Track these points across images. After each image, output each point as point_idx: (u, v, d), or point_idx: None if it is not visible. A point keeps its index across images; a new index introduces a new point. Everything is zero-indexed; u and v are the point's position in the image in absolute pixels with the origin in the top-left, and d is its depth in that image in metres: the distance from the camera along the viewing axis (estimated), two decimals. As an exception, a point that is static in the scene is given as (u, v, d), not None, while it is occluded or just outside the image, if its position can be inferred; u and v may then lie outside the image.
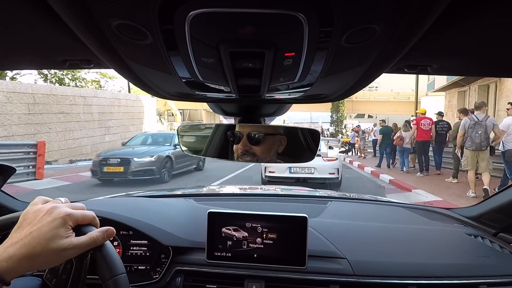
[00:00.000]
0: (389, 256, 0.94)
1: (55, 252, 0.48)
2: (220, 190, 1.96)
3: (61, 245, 0.48)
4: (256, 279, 0.91)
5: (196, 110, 40.71)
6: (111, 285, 0.51)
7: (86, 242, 0.51)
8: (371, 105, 27.14)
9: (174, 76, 0.44)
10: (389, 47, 0.36)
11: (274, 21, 0.30)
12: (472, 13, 0.36)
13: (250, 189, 1.82)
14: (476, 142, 5.06)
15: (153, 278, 0.96)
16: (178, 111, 26.95)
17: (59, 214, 0.49)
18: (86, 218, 0.54)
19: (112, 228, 0.56)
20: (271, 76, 0.42)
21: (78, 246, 0.50)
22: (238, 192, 1.74)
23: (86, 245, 0.51)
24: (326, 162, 5.99)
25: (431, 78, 13.38)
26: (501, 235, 1.07)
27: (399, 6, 0.28)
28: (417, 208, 1.40)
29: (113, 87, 15.19)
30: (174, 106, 24.32)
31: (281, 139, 0.75)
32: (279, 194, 1.69)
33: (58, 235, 0.48)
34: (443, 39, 0.43)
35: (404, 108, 26.72)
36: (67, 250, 0.49)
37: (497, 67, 0.60)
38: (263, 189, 1.95)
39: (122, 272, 0.53)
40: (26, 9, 0.37)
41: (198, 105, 32.80)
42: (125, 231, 1.01)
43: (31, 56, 0.57)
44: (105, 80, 16.95)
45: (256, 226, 0.92)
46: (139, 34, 0.32)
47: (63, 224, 0.49)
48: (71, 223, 0.50)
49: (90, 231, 0.53)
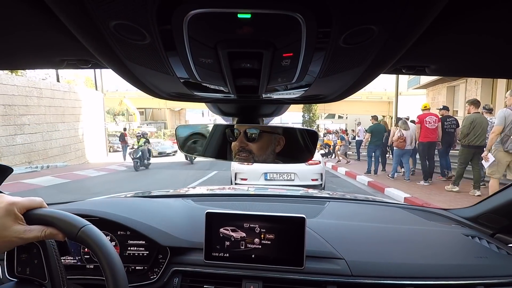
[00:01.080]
0: (387, 257, 0.94)
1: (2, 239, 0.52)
2: (218, 191, 1.93)
3: (7, 234, 0.52)
4: (253, 280, 0.91)
5: (160, 109, 38.82)
6: (81, 236, 0.55)
7: (34, 234, 0.54)
8: (343, 105, 26.85)
9: (172, 76, 0.44)
10: (387, 48, 0.37)
11: (272, 21, 0.30)
12: (469, 14, 0.36)
13: (248, 190, 1.85)
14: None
15: (151, 278, 0.96)
16: (137, 110, 24.50)
17: (1, 204, 0.53)
18: (33, 203, 0.57)
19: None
20: (269, 77, 0.42)
21: (24, 236, 0.53)
22: (236, 193, 1.73)
23: (34, 237, 0.54)
24: (308, 166, 5.18)
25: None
26: (498, 235, 1.08)
27: (396, 7, 0.28)
28: (414, 208, 1.40)
29: (33, 73, 11.77)
30: (131, 105, 22.07)
31: (280, 139, 0.75)
32: (277, 194, 1.68)
33: (3, 224, 0.52)
34: (441, 40, 0.44)
35: (377, 108, 26.60)
36: (13, 238, 0.53)
37: (495, 67, 0.59)
38: (261, 190, 1.95)
39: (85, 224, 0.57)
40: (23, 9, 0.37)
41: (162, 104, 30.96)
42: (122, 232, 1.01)
43: (29, 56, 0.57)
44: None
45: (254, 226, 0.92)
46: (137, 34, 0.33)
47: (7, 214, 0.52)
48: (17, 211, 0.53)
49: (40, 213, 0.56)
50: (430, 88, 12.41)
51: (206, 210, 0.94)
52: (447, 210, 1.33)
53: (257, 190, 1.94)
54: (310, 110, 26.47)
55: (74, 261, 1.01)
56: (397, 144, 6.74)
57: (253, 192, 1.74)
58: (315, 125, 27.95)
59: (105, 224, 0.97)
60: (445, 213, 1.31)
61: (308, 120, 26.85)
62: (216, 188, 2.04)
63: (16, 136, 9.15)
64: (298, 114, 28.47)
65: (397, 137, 6.74)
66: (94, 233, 0.56)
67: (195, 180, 7.83)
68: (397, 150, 6.86)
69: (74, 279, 0.96)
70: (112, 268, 0.54)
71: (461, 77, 5.93)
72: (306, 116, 27.05)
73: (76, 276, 0.97)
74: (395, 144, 6.82)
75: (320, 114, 29.98)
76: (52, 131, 10.75)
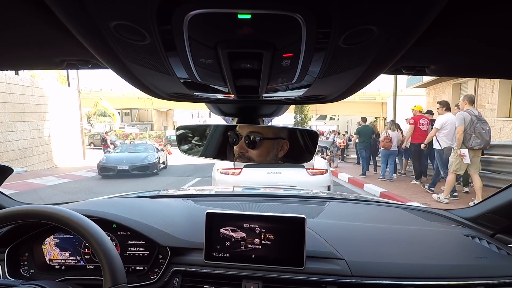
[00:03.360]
0: (387, 257, 0.94)
1: None
2: (218, 191, 1.95)
3: None
4: (254, 280, 0.91)
5: (146, 110, 37.66)
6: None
7: None
8: (335, 106, 26.46)
9: (172, 76, 0.45)
10: (387, 48, 0.37)
11: (272, 22, 0.30)
12: (469, 14, 0.36)
13: (249, 190, 1.87)
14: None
15: (151, 278, 0.96)
16: (116, 110, 23.29)
17: None
18: None
19: None
20: (269, 77, 0.42)
21: None
22: (236, 193, 1.74)
23: None
24: (311, 177, 4.10)
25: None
26: (498, 236, 1.08)
27: (396, 7, 0.28)
28: (415, 209, 1.40)
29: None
30: (109, 106, 20.78)
31: (283, 144, 0.75)
32: (277, 194, 1.68)
33: None
34: (441, 41, 0.43)
35: (370, 109, 26.28)
36: None
37: (495, 68, 0.59)
38: (261, 190, 1.95)
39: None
40: (23, 9, 0.37)
41: (148, 105, 29.82)
42: (123, 232, 1.01)
43: (29, 57, 0.57)
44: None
45: (254, 226, 0.92)
46: (137, 34, 0.33)
47: None
48: None
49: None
50: (431, 87, 11.60)
51: (206, 210, 0.95)
52: (447, 211, 1.33)
53: (257, 190, 1.96)
54: (302, 111, 26.36)
55: (74, 261, 1.01)
56: (383, 144, 6.87)
57: (253, 192, 1.73)
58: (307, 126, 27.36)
59: (106, 224, 0.96)
60: (445, 213, 1.31)
61: (300, 121, 26.66)
62: (217, 189, 2.01)
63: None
64: (290, 115, 28.31)
65: (383, 137, 6.89)
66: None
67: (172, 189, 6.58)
68: (384, 151, 6.97)
69: (74, 279, 0.97)
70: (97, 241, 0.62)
71: (461, 77, 5.76)
72: (298, 117, 26.94)
73: (76, 276, 0.98)
74: (381, 144, 6.97)
75: (312, 115, 29.47)
76: (7, 131, 9.22)
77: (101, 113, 25.78)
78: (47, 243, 1.02)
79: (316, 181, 4.07)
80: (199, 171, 9.45)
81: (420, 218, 1.23)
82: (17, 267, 0.99)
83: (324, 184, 4.11)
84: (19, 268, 0.99)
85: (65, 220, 0.66)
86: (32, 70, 13.01)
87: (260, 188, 2.08)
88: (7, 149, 9.21)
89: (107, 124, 27.93)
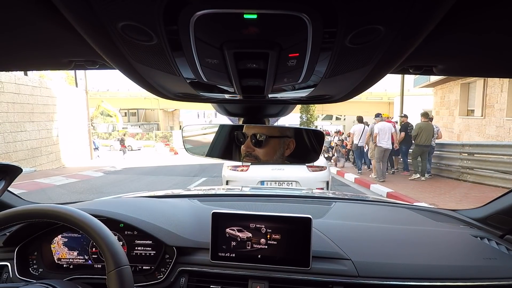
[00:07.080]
0: (394, 258, 0.93)
1: None
2: (224, 191, 1.94)
3: None
4: (260, 280, 0.91)
5: (153, 110, 37.78)
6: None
7: None
8: (341, 105, 26.27)
9: (178, 77, 0.45)
10: (393, 48, 0.36)
11: (278, 22, 0.30)
12: (477, 12, 0.36)
13: (255, 190, 1.86)
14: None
15: (158, 278, 0.96)
16: (118, 111, 23.60)
17: None
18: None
19: None
20: (275, 77, 0.42)
21: None
22: (242, 193, 1.74)
23: None
24: (311, 173, 4.50)
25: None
26: (507, 237, 1.06)
27: (403, 6, 0.28)
28: (422, 209, 1.39)
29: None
30: (111, 107, 21.05)
31: (290, 143, 0.75)
32: (283, 194, 1.68)
33: None
34: (449, 40, 0.43)
35: (377, 109, 26.07)
36: None
37: (503, 67, 0.58)
38: (267, 190, 1.99)
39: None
40: (32, 10, 0.37)
41: (154, 105, 29.96)
42: (129, 231, 1.02)
43: (37, 57, 0.57)
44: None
45: (260, 226, 0.92)
46: (144, 35, 0.33)
47: None
48: None
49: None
50: (439, 86, 11.42)
51: (212, 210, 0.95)
52: (455, 211, 1.32)
53: (263, 190, 1.96)
54: (308, 111, 26.22)
55: (82, 260, 1.02)
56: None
57: (259, 193, 1.73)
58: (313, 126, 27.26)
59: (113, 224, 0.96)
60: (453, 214, 1.30)
61: (306, 121, 26.50)
62: (222, 189, 2.00)
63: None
64: (296, 115, 28.19)
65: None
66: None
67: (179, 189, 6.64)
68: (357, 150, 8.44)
69: (82, 278, 0.97)
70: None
71: (469, 77, 5.78)
72: (304, 117, 26.80)
73: (84, 275, 0.98)
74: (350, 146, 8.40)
75: (318, 115, 29.37)
76: (17, 131, 9.38)
77: (106, 114, 26.19)
78: (56, 242, 1.03)
79: (315, 177, 4.52)
80: (205, 171, 9.50)
81: (428, 219, 1.22)
82: (26, 266, 1.00)
83: (323, 180, 4.53)
84: (28, 267, 1.00)
85: (73, 220, 0.67)
86: (41, 71, 13.21)
87: (266, 188, 2.08)
88: (16, 149, 9.35)
89: (110, 124, 28.19)
